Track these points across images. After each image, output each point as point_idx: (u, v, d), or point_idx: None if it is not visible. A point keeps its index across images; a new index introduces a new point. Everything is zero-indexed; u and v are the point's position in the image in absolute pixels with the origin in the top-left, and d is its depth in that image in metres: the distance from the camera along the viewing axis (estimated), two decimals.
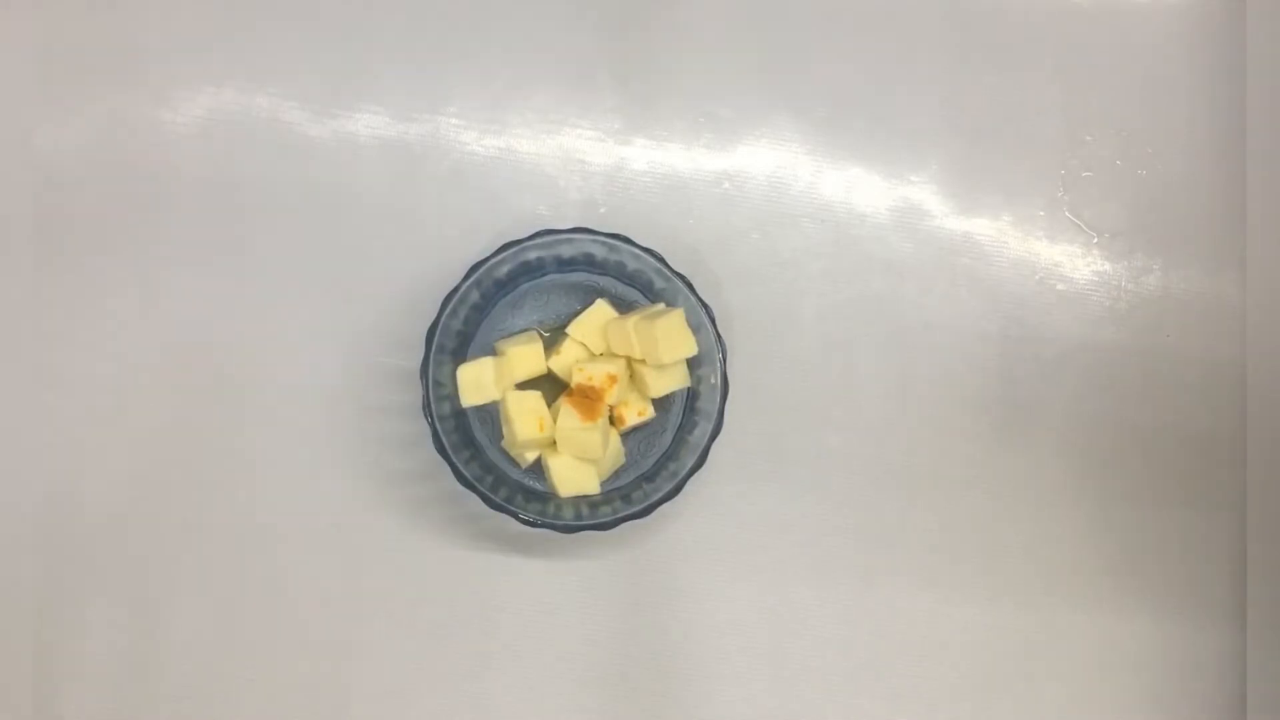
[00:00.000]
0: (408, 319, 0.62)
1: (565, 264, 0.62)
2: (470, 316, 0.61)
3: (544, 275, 0.62)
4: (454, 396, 0.59)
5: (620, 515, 0.59)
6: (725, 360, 0.61)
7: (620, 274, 0.62)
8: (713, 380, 0.61)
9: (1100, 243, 0.68)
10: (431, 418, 0.58)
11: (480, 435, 0.61)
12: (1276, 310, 0.66)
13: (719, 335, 0.61)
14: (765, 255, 0.67)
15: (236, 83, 0.65)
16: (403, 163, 0.65)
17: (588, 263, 0.62)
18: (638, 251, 0.61)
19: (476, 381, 0.59)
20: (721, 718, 0.63)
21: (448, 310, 0.59)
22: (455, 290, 0.60)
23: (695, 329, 0.60)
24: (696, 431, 0.60)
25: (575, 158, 0.67)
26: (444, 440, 0.58)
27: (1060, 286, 0.68)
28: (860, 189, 0.68)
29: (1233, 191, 0.69)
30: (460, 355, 0.61)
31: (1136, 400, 0.67)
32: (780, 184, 0.67)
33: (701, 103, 0.68)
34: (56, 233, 0.63)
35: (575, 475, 0.59)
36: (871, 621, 0.64)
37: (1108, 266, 0.68)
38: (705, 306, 0.61)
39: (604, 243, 0.61)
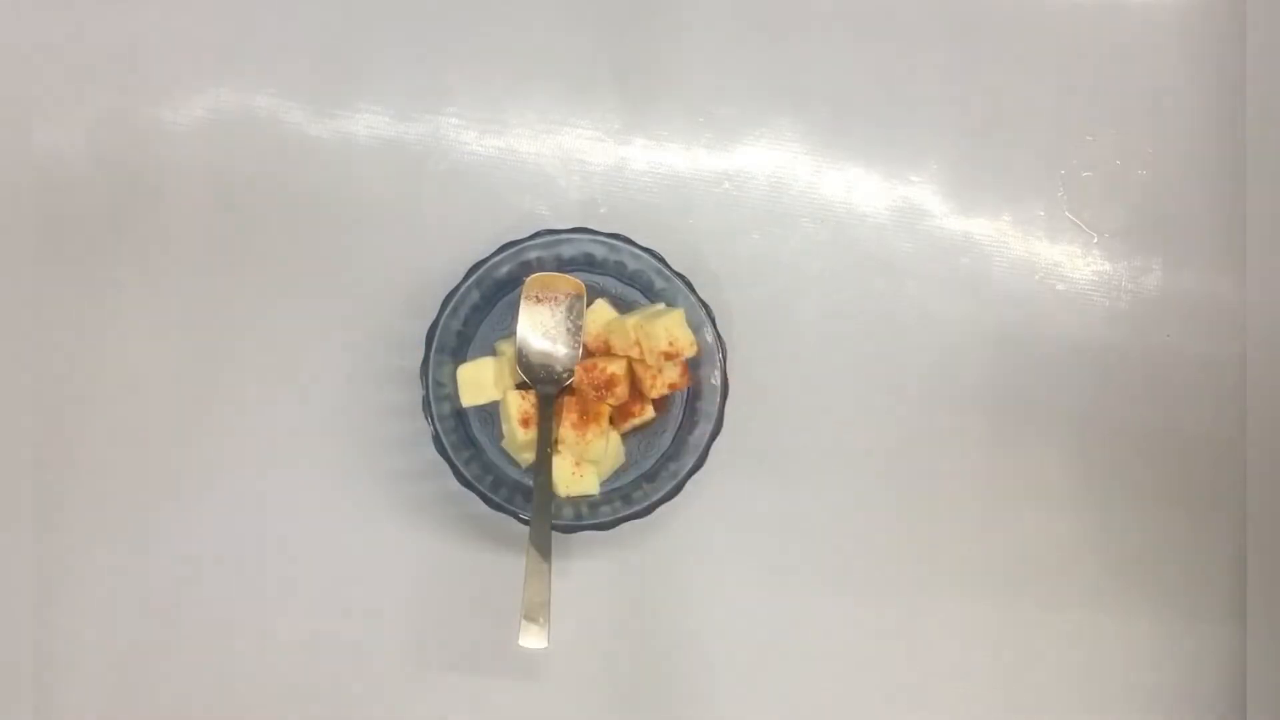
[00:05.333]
0: (408, 319, 0.62)
1: (565, 264, 0.62)
2: (470, 316, 0.61)
3: None
4: (454, 396, 0.59)
5: (620, 515, 0.59)
6: (725, 360, 0.61)
7: (620, 274, 0.62)
8: (713, 380, 0.61)
9: (1100, 243, 0.68)
10: (431, 418, 0.58)
11: (480, 435, 0.61)
12: (1276, 310, 0.66)
13: (719, 335, 0.61)
14: (765, 255, 0.67)
15: (236, 83, 0.65)
16: (403, 163, 0.65)
17: (588, 263, 0.62)
18: (638, 251, 0.61)
19: (476, 381, 0.59)
20: (722, 715, 0.63)
21: (448, 310, 0.59)
22: (455, 290, 0.60)
23: (695, 329, 0.60)
24: (696, 431, 0.60)
25: (575, 158, 0.66)
26: (444, 440, 0.58)
27: (1060, 286, 0.68)
28: (860, 189, 0.68)
29: (1233, 191, 0.69)
30: (460, 355, 0.61)
31: (1136, 400, 0.67)
32: (780, 184, 0.67)
33: (701, 103, 0.68)
34: (57, 232, 0.63)
35: (575, 475, 0.59)
36: (870, 619, 0.64)
37: (1108, 266, 0.68)
38: (705, 306, 0.61)
39: (604, 243, 0.61)
